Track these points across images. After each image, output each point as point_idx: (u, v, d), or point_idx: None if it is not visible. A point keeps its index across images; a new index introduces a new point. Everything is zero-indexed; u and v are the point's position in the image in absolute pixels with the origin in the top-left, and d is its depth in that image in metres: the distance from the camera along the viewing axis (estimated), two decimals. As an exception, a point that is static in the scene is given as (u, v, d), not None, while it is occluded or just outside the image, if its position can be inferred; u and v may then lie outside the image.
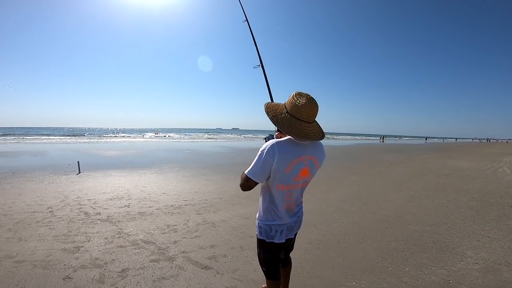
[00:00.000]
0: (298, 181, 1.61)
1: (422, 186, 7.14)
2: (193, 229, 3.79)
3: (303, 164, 1.57)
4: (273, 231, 1.70)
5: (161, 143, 26.29)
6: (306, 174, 1.61)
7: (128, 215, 4.33)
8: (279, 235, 1.70)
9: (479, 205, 5.28)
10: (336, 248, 3.26)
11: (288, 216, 1.71)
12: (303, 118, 1.50)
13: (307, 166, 1.59)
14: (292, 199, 1.68)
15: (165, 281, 2.51)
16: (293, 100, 1.53)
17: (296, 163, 1.54)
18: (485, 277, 2.67)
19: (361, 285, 2.51)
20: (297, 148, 1.55)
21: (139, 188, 6.20)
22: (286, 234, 1.73)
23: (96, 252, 3.02)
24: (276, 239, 1.70)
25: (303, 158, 1.56)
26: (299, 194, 1.72)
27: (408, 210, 4.91)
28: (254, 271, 2.72)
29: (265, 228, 1.71)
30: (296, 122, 1.50)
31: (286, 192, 1.62)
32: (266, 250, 1.77)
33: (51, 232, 3.58)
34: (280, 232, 1.70)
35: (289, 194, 1.64)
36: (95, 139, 33.67)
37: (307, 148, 1.58)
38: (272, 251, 1.76)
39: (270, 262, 1.81)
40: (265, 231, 1.72)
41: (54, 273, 2.59)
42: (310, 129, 1.53)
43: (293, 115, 1.51)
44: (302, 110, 1.49)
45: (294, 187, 1.63)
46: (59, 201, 5.01)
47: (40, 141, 26.61)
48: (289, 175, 1.55)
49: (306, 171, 1.60)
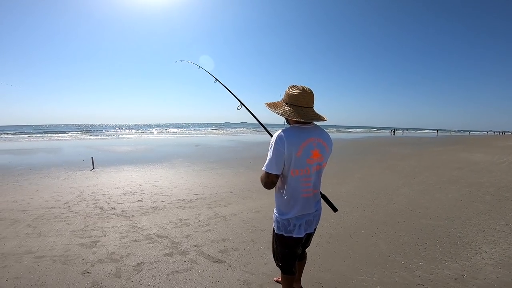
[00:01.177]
0: (312, 163, 1.63)
1: (435, 180, 7.02)
2: (204, 223, 3.85)
3: (313, 146, 1.61)
4: (291, 225, 1.69)
5: (170, 138, 26.58)
6: (317, 156, 1.63)
7: (142, 209, 4.42)
8: (298, 229, 1.70)
9: (494, 199, 5.17)
10: (347, 242, 3.26)
11: (307, 206, 1.70)
12: (302, 104, 1.63)
13: (316, 148, 1.63)
14: (311, 184, 1.68)
15: (178, 274, 2.57)
16: (289, 92, 1.67)
17: (305, 145, 1.59)
18: (499, 272, 2.63)
19: (372, 279, 2.51)
20: (303, 131, 1.62)
21: (151, 183, 6.32)
22: (305, 228, 1.73)
23: (112, 247, 3.11)
24: (295, 233, 1.70)
25: (311, 140, 1.61)
26: (316, 178, 1.71)
27: (420, 204, 4.85)
28: (266, 264, 2.75)
29: (283, 223, 1.71)
30: (298, 109, 1.62)
31: (302, 177, 1.63)
32: (284, 245, 1.77)
33: (69, 227, 3.69)
34: (299, 226, 1.70)
35: (306, 180, 1.64)
36: (106, 135, 34.29)
37: (313, 131, 1.65)
38: (290, 246, 1.76)
39: (288, 257, 1.81)
40: (283, 226, 1.71)
41: (73, 268, 2.67)
42: (312, 113, 1.65)
43: (293, 103, 1.64)
44: (300, 97, 1.62)
45: (310, 170, 1.63)
46: (75, 197, 5.16)
47: (53, 138, 27.29)
48: (301, 158, 1.58)
49: (317, 152, 1.63)
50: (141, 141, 22.29)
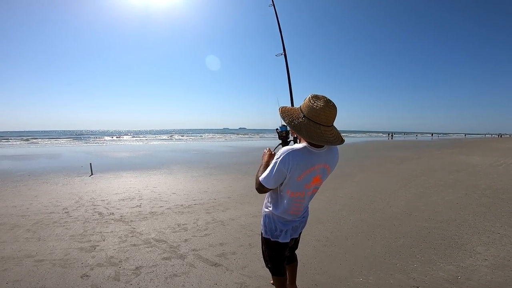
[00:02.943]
0: (309, 188, 1.62)
1: (432, 183, 7.07)
2: (202, 227, 3.88)
3: (316, 173, 1.56)
4: (278, 231, 1.74)
5: (168, 144, 26.61)
6: (317, 181, 1.61)
7: (140, 214, 4.45)
8: (284, 235, 1.74)
9: (490, 202, 5.22)
10: (343, 245, 3.30)
11: (294, 219, 1.75)
12: (321, 122, 1.43)
13: (319, 174, 1.58)
14: (302, 205, 1.70)
15: (177, 278, 2.60)
16: (309, 103, 1.46)
17: (309, 172, 1.52)
18: (494, 273, 2.66)
19: (368, 281, 2.54)
20: (312, 157, 1.50)
21: (149, 189, 6.34)
22: (291, 233, 1.77)
23: (111, 251, 3.14)
24: (280, 238, 1.74)
25: (316, 167, 1.53)
26: (308, 200, 1.74)
27: (417, 207, 4.90)
28: (263, 267, 2.77)
29: (270, 227, 1.75)
30: (314, 127, 1.44)
31: (296, 198, 1.63)
32: (270, 249, 1.81)
33: (68, 232, 3.72)
34: (285, 232, 1.74)
35: (299, 201, 1.66)
36: (103, 141, 34.29)
37: (322, 156, 1.53)
38: (276, 250, 1.80)
39: (275, 259, 1.85)
40: (270, 230, 1.75)
41: (72, 272, 2.71)
42: (329, 133, 1.46)
43: (311, 119, 1.44)
44: (320, 114, 1.42)
45: (305, 194, 1.63)
46: (74, 202, 5.18)
47: (50, 144, 27.29)
48: (301, 183, 1.56)
49: (318, 178, 1.60)
50: (139, 147, 22.32)
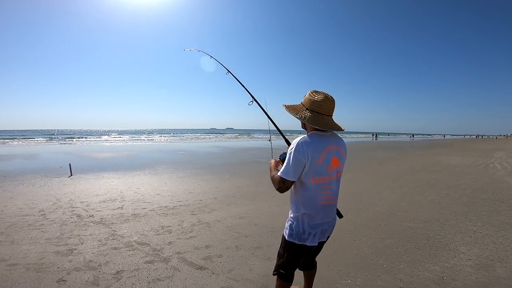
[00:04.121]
0: (332, 171, 1.62)
1: (415, 183, 7.23)
2: (187, 229, 3.77)
3: (332, 154, 1.60)
4: (306, 234, 1.64)
5: (154, 145, 26.12)
6: (337, 163, 1.63)
7: (122, 217, 4.28)
8: (312, 238, 1.65)
9: (470, 201, 5.36)
10: (330, 246, 3.27)
11: (326, 214, 1.66)
12: (324, 112, 1.60)
13: (336, 155, 1.62)
14: (331, 192, 1.64)
15: (160, 282, 2.49)
16: (311, 97, 1.63)
17: (326, 152, 1.58)
18: (478, 273, 2.69)
19: (356, 283, 2.52)
20: (323, 139, 1.60)
21: (132, 190, 6.15)
22: (319, 237, 1.68)
23: (90, 255, 2.99)
24: (308, 242, 1.65)
25: (330, 147, 1.60)
26: (336, 186, 1.68)
27: (401, 207, 4.97)
28: (250, 270, 2.71)
29: (297, 230, 1.65)
30: (318, 117, 1.60)
31: (322, 184, 1.60)
32: (292, 253, 1.71)
33: (44, 235, 3.52)
34: (314, 235, 1.65)
35: (326, 187, 1.62)
36: (86, 141, 33.32)
37: (331, 138, 1.64)
38: (298, 255, 1.70)
39: (291, 265, 1.75)
40: (297, 234, 1.65)
41: (47, 276, 2.56)
42: (331, 122, 1.63)
43: (314, 110, 1.60)
44: (322, 105, 1.60)
45: (330, 178, 1.62)
46: (51, 204, 4.94)
47: (29, 144, 26.24)
48: (322, 166, 1.57)
49: (336, 160, 1.62)
50: (124, 147, 21.79)
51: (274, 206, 4.94)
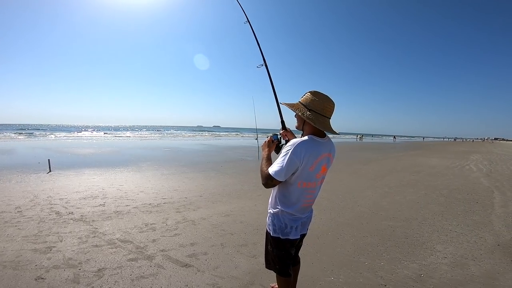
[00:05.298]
0: (319, 178, 1.67)
1: (396, 183, 7.46)
2: (172, 227, 3.73)
3: (323, 162, 1.64)
4: (288, 228, 1.70)
5: (138, 141, 25.56)
6: (324, 170, 1.68)
7: (104, 214, 4.18)
8: (294, 231, 1.72)
9: (447, 201, 5.60)
10: (314, 244, 3.33)
11: (304, 213, 1.74)
12: (326, 114, 1.62)
13: (325, 163, 1.66)
14: (313, 196, 1.72)
15: (144, 280, 2.46)
16: (313, 98, 1.62)
17: (318, 161, 1.60)
18: (453, 271, 2.81)
19: (339, 280, 2.59)
20: (319, 147, 1.60)
21: (115, 187, 6.01)
22: (300, 229, 1.75)
23: (70, 252, 2.91)
24: (291, 235, 1.71)
25: (323, 156, 1.62)
26: (318, 190, 1.75)
27: (382, 206, 5.12)
28: (235, 268, 2.73)
29: (279, 226, 1.71)
30: (322, 118, 1.60)
31: (308, 189, 1.65)
32: (280, 248, 1.76)
33: (20, 232, 3.39)
34: (295, 228, 1.72)
35: (310, 192, 1.68)
36: (66, 136, 32.21)
37: (326, 145, 1.65)
38: (286, 248, 1.76)
39: (284, 259, 1.79)
40: (279, 229, 1.72)
41: (25, 274, 2.48)
42: (329, 124, 1.65)
43: (318, 111, 1.60)
44: (326, 106, 1.61)
45: (316, 184, 1.68)
46: (28, 201, 4.75)
47: (4, 139, 25.08)
48: (313, 173, 1.61)
49: (325, 167, 1.67)
50: (106, 143, 21.19)
51: (259, 204, 4.97)
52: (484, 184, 7.73)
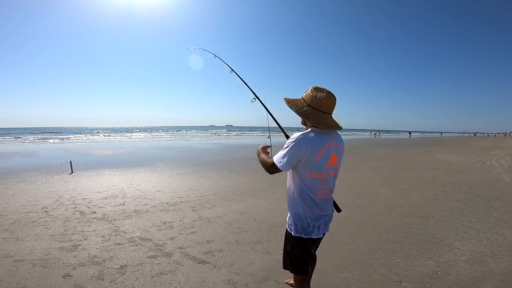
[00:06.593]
0: (329, 167, 1.64)
1: (412, 180, 7.32)
2: (189, 225, 3.85)
3: (331, 150, 1.63)
4: (310, 227, 1.68)
5: (153, 142, 26.14)
6: (335, 160, 1.66)
7: (124, 213, 4.35)
8: (317, 230, 1.69)
9: (466, 198, 5.46)
10: (328, 241, 3.35)
11: (324, 207, 1.71)
12: (324, 110, 1.62)
13: (334, 152, 1.65)
14: (327, 188, 1.69)
15: (163, 276, 2.57)
16: (313, 94, 1.65)
17: (325, 149, 1.60)
18: (471, 268, 2.77)
19: (353, 276, 2.61)
20: (323, 136, 1.62)
21: (133, 187, 6.21)
22: (323, 228, 1.73)
23: (94, 250, 3.06)
24: (314, 234, 1.69)
25: (330, 144, 1.62)
26: (332, 182, 1.73)
27: (398, 203, 5.05)
28: (250, 264, 2.79)
29: (301, 225, 1.69)
30: (319, 114, 1.62)
31: (318, 179, 1.64)
32: (301, 247, 1.73)
33: (48, 231, 3.59)
34: (318, 227, 1.69)
35: (323, 182, 1.65)
36: (85, 138, 33.32)
37: (329, 136, 1.65)
38: (307, 248, 1.73)
39: (306, 258, 1.76)
40: (302, 228, 1.69)
41: (53, 271, 2.62)
42: (330, 120, 1.65)
43: (315, 107, 1.62)
44: (324, 103, 1.62)
45: (327, 174, 1.65)
46: (54, 201, 5.00)
47: (27, 142, 26.21)
48: (320, 162, 1.60)
49: (334, 157, 1.65)
50: (123, 144, 21.79)
51: (273, 202, 5.02)
52: (506, 180, 7.47)
